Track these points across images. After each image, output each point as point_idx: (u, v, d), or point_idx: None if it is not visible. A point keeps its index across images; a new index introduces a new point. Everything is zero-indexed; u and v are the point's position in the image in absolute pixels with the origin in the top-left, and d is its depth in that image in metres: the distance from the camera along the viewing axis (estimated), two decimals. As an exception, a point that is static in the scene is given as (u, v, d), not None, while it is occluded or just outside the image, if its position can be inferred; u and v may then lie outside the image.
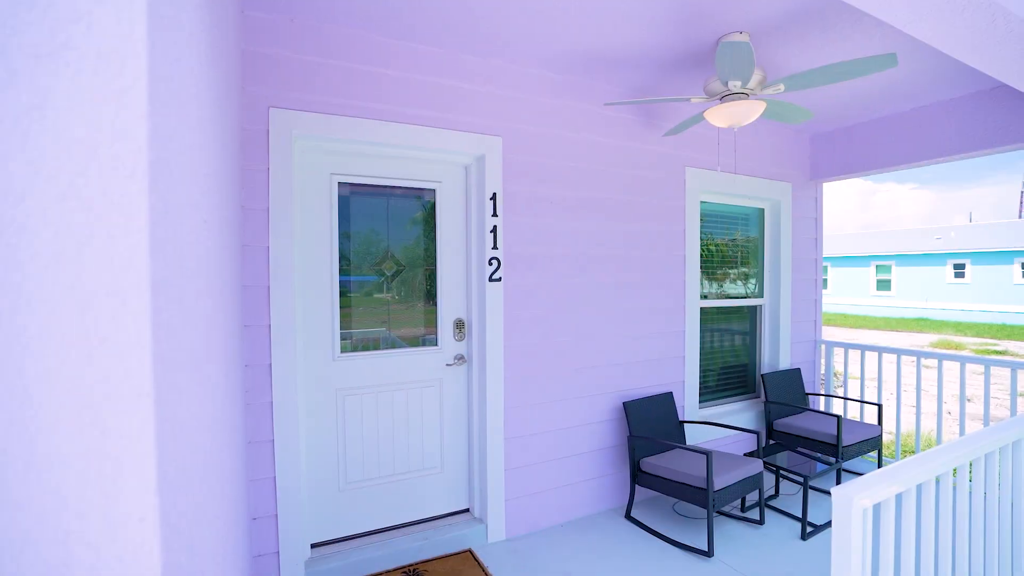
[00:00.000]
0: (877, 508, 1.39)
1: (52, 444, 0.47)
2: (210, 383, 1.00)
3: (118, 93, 0.49)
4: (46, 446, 0.47)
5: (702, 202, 3.66)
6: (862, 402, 3.73)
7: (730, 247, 3.97)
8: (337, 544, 2.55)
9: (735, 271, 4.01)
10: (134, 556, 0.50)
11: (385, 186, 2.64)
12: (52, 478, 0.47)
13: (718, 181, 3.61)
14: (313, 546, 2.50)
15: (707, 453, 2.60)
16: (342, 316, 2.54)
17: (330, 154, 2.49)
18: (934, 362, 3.54)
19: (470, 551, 2.66)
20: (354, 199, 2.57)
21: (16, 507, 0.45)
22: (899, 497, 1.41)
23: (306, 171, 2.45)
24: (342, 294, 2.54)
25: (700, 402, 3.72)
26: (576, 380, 3.05)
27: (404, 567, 2.52)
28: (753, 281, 4.10)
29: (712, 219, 3.82)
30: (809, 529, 2.86)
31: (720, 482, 2.63)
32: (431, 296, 2.77)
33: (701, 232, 3.64)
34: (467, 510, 2.89)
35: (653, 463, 2.92)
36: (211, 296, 1.07)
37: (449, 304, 2.80)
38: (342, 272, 2.54)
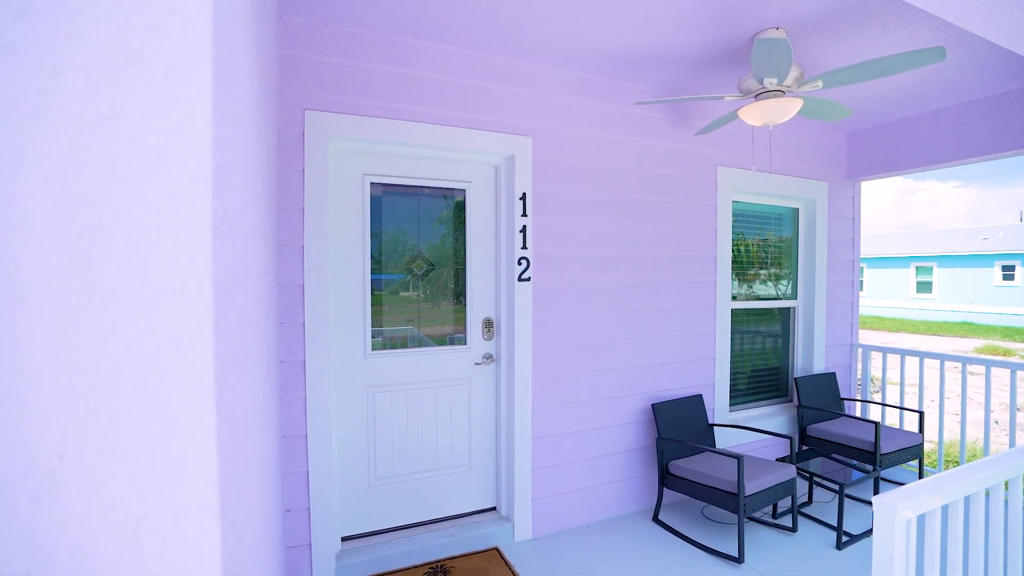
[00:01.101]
0: (921, 519, 1.35)
1: (124, 435, 0.50)
2: (254, 379, 1.04)
3: (185, 101, 0.51)
4: (119, 437, 0.49)
5: (734, 202, 3.59)
6: (902, 409, 3.60)
7: (762, 248, 3.88)
8: (366, 538, 2.59)
9: (767, 272, 3.92)
10: (196, 544, 0.52)
11: (416, 186, 2.67)
12: (124, 467, 0.50)
13: (751, 180, 3.53)
14: (343, 539, 2.56)
15: (738, 457, 2.55)
16: (373, 314, 2.59)
17: (363, 155, 2.54)
18: (981, 368, 3.39)
19: (496, 549, 2.68)
20: (386, 199, 2.62)
21: (93, 492, 0.48)
22: (945, 509, 1.35)
23: (340, 172, 2.50)
24: (373, 292, 2.59)
25: (730, 405, 3.65)
26: (604, 381, 3.03)
27: (431, 563, 2.55)
28: (786, 282, 4.00)
29: (744, 219, 3.74)
30: (845, 539, 2.78)
31: (752, 487, 2.58)
32: (460, 295, 2.80)
33: (732, 232, 3.56)
34: (494, 508, 2.90)
35: (682, 466, 2.88)
36: (255, 295, 1.11)
37: (478, 303, 2.82)
38: (373, 271, 2.59)
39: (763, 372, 3.91)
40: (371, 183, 2.56)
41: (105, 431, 0.49)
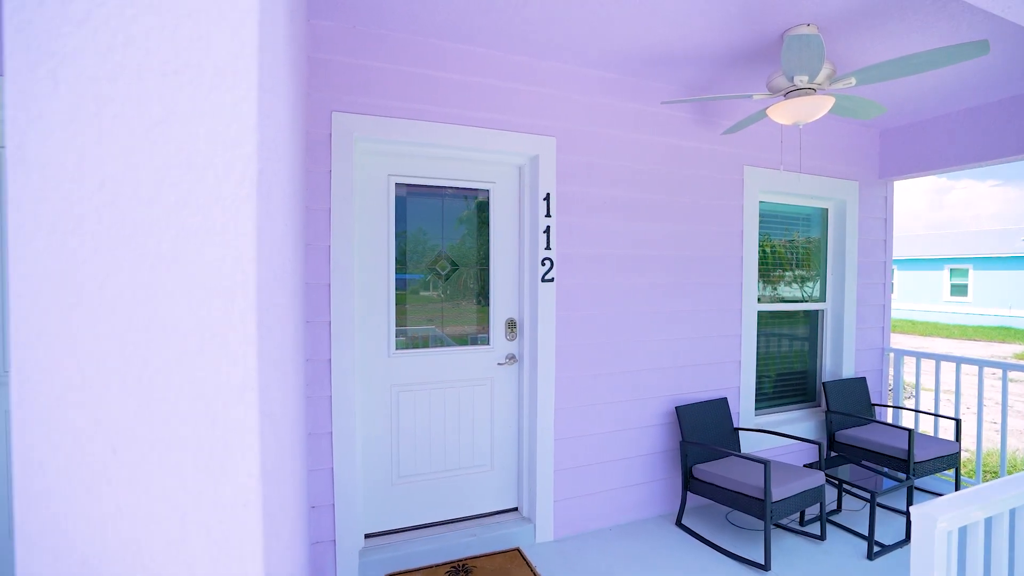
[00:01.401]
0: (963, 532, 1.30)
1: (172, 431, 0.51)
2: (288, 377, 1.06)
3: (232, 105, 0.52)
4: (167, 432, 0.51)
5: (761, 202, 3.52)
6: (937, 416, 3.48)
7: (789, 249, 3.80)
8: (389, 536, 2.62)
9: (795, 274, 3.84)
10: (239, 539, 0.53)
11: (440, 187, 2.69)
12: (172, 462, 0.51)
13: (779, 180, 3.46)
14: (366, 536, 2.59)
15: (765, 462, 2.50)
16: (397, 314, 2.62)
17: (388, 156, 2.56)
18: (1022, 375, 3.26)
19: (518, 550, 2.68)
20: (410, 199, 2.64)
21: (144, 485, 0.50)
22: (989, 521, 1.30)
23: (365, 172, 2.53)
24: (397, 292, 2.62)
25: (756, 409, 3.59)
26: (627, 382, 3.00)
27: (453, 562, 2.56)
28: (814, 284, 3.91)
29: (771, 219, 3.67)
30: (877, 549, 2.70)
31: (779, 493, 2.53)
32: (483, 295, 2.81)
33: (759, 233, 3.50)
34: (515, 509, 2.90)
35: (706, 470, 2.83)
36: (288, 295, 1.13)
37: (501, 304, 2.82)
38: (397, 271, 2.61)
39: (790, 376, 3.83)
40: (396, 183, 2.59)
41: (155, 426, 0.50)
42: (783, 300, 3.78)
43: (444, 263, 2.73)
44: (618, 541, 2.81)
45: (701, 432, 3.05)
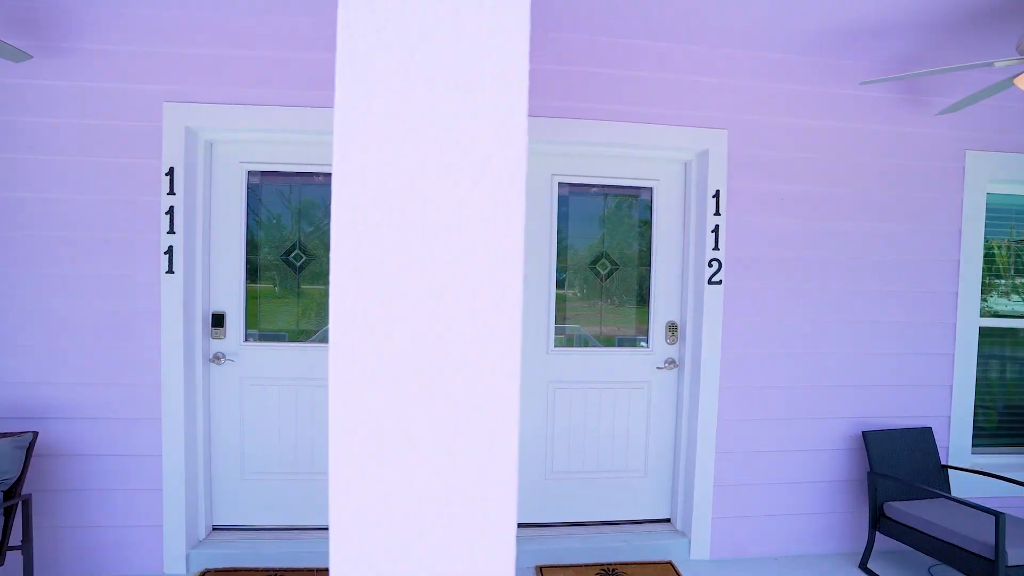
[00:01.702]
0: None
1: (447, 413, 0.57)
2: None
3: (504, 109, 0.56)
4: (442, 414, 0.56)
5: (988, 194, 2.88)
6: None
7: (1017, 250, 3.05)
8: (539, 528, 2.69)
9: (1013, 282, 3.07)
10: (498, 518, 0.58)
11: (601, 185, 2.69)
12: (445, 440, 0.57)
13: (1016, 166, 2.80)
14: (518, 525, 2.68)
15: (997, 514, 2.04)
16: (556, 311, 2.66)
17: (552, 156, 2.62)
18: None
19: (671, 564, 2.56)
20: (572, 198, 2.68)
21: (422, 459, 0.56)
22: None
23: (531, 172, 2.62)
24: (556, 290, 2.67)
25: (973, 446, 2.95)
26: (803, 399, 2.68)
27: (603, 565, 2.53)
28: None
29: (1002, 215, 2.98)
30: None
31: (1018, 556, 2.04)
32: (643, 297, 2.73)
33: (985, 231, 2.87)
34: (668, 520, 2.78)
35: (903, 510, 2.41)
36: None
37: (662, 306, 2.72)
38: (557, 269, 2.66)
39: (1022, 410, 3.08)
40: (559, 183, 2.64)
41: (432, 408, 0.56)
42: (997, 314, 3.05)
43: (604, 263, 2.72)
44: (786, 573, 2.53)
45: (895, 465, 2.61)
